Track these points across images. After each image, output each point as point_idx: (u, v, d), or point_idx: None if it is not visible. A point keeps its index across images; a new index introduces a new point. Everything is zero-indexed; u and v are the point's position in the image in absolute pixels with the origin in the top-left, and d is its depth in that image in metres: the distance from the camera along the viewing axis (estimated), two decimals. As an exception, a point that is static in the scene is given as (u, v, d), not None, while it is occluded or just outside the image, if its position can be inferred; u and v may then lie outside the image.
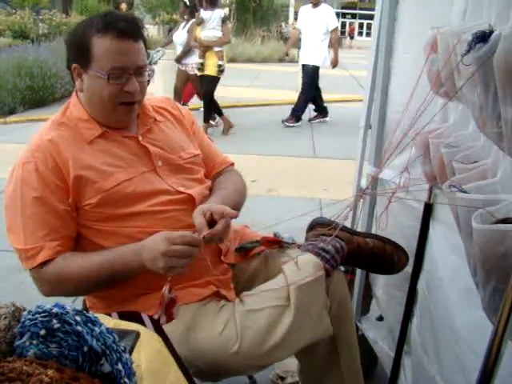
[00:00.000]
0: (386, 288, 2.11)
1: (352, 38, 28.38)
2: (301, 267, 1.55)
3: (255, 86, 12.88)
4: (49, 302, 0.91)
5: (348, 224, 2.05)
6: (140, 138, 1.62)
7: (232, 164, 1.89)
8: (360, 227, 2.27)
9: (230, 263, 1.73)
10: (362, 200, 2.22)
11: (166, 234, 1.39)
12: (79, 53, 1.51)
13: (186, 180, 1.67)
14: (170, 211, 1.57)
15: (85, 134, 1.56)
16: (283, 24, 28.07)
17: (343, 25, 43.50)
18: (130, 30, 1.50)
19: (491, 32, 0.84)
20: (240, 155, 5.91)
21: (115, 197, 1.51)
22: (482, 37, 0.85)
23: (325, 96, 8.76)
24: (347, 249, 1.75)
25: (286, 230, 1.93)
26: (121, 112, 1.57)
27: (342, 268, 1.81)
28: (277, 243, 1.78)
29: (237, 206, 1.69)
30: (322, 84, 8.33)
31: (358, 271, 2.34)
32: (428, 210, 1.72)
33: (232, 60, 18.78)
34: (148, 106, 1.70)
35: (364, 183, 2.28)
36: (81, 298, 1.74)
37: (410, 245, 1.83)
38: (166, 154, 1.65)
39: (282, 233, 1.83)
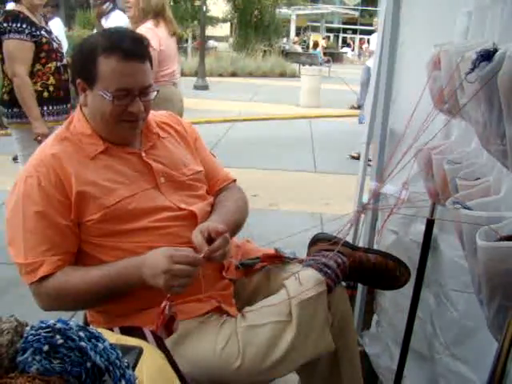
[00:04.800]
0: (395, 298, 2.10)
1: (360, 55, 28.60)
2: (303, 282, 1.55)
3: (256, 101, 12.95)
4: (51, 317, 0.90)
5: (349, 239, 2.06)
6: (143, 155, 1.62)
7: (234, 180, 1.89)
8: (362, 242, 2.27)
9: (232, 278, 1.72)
10: (363, 215, 2.22)
11: (169, 252, 1.38)
12: (84, 70, 1.51)
13: (188, 197, 1.66)
14: (170, 227, 1.56)
15: (88, 149, 1.56)
16: (285, 39, 28.30)
17: (344, 40, 43.84)
18: (136, 50, 1.50)
19: (495, 50, 0.85)
20: (241, 169, 5.92)
21: (117, 213, 1.51)
22: (487, 55, 0.85)
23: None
24: (349, 264, 1.75)
25: (287, 245, 1.93)
26: (124, 128, 1.57)
27: (344, 283, 1.80)
28: (278, 259, 1.77)
29: (238, 224, 1.70)
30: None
31: (360, 286, 2.33)
32: (430, 225, 1.72)
33: (233, 74, 18.93)
34: (152, 122, 1.70)
35: (366, 198, 2.29)
36: (81, 312, 1.74)
37: (409, 259, 1.83)
38: (168, 171, 1.65)
39: (284, 248, 1.83)
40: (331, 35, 41.75)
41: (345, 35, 44.69)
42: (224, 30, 27.41)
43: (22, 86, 3.15)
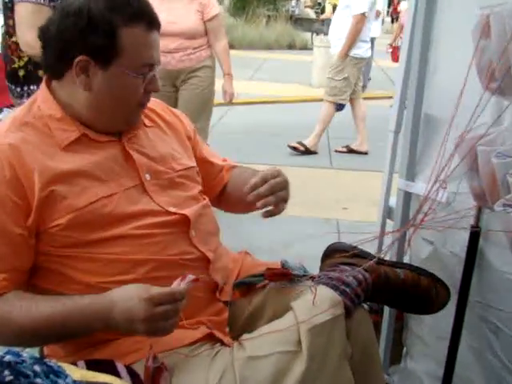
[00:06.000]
0: (434, 323, 2.10)
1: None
2: (315, 303, 1.54)
3: (258, 79, 12.95)
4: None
5: (372, 250, 2.05)
6: (125, 144, 1.64)
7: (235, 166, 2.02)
8: (388, 255, 2.26)
9: (227, 301, 1.72)
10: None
11: (146, 293, 1.38)
12: (96, 44, 1.51)
13: (179, 198, 1.68)
14: (156, 235, 1.57)
15: (58, 137, 1.55)
16: (293, 2, 28.28)
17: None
18: (157, 19, 1.58)
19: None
20: (239, 164, 5.91)
21: (89, 217, 1.50)
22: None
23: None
24: (372, 281, 1.74)
25: (295, 259, 1.93)
26: (138, 114, 1.65)
27: (366, 306, 1.80)
28: (285, 276, 1.77)
29: None
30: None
31: (386, 310, 2.33)
32: (475, 235, 1.72)
33: (229, 46, 18.88)
34: None
35: (394, 201, 2.29)
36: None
37: (449, 276, 1.83)
38: (154, 165, 1.66)
39: (291, 262, 1.83)
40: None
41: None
42: (217, -10, 27.42)
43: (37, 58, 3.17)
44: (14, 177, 1.46)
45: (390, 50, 11.97)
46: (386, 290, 1.79)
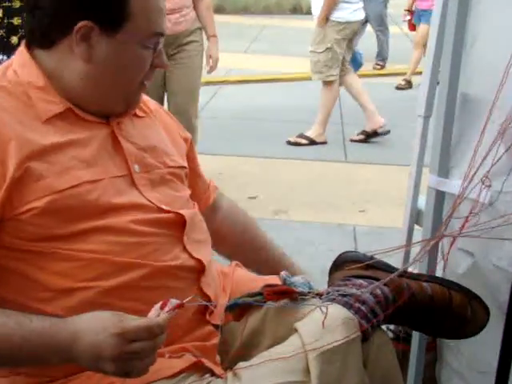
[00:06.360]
0: (474, 352, 2.11)
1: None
2: (324, 325, 1.56)
3: (253, 52, 12.93)
4: None
5: (392, 261, 2.04)
6: (114, 128, 1.68)
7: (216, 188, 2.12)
8: (416, 268, 2.26)
9: (218, 324, 1.74)
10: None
11: (117, 328, 1.38)
12: (103, 6, 1.57)
13: (170, 197, 1.71)
14: (146, 234, 1.60)
15: (39, 108, 1.58)
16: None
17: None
18: None
19: None
20: (231, 158, 5.91)
21: (70, 203, 1.51)
22: None
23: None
24: (393, 297, 1.75)
25: (299, 272, 1.94)
26: (140, 92, 1.73)
27: (390, 333, 1.80)
28: (287, 294, 1.78)
29: None
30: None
31: (415, 337, 2.32)
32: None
33: (218, 10, 18.79)
34: None
35: (423, 201, 2.28)
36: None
37: (493, 296, 1.83)
38: (144, 157, 1.71)
39: (293, 276, 1.84)
40: None
41: None
42: None
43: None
44: None
45: (408, 18, 11.39)
46: (412, 309, 1.78)
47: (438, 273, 2.21)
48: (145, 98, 1.86)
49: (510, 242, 1.84)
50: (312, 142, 6.99)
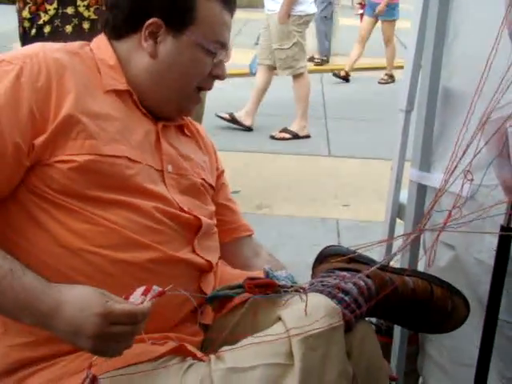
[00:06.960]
0: (456, 345, 2.12)
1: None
2: (308, 313, 1.54)
3: (237, 45, 12.87)
4: None
5: (375, 255, 2.04)
6: (160, 127, 1.79)
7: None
8: (399, 263, 2.26)
9: (205, 324, 1.76)
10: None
11: (103, 307, 1.39)
12: (173, 5, 1.72)
13: (194, 205, 1.79)
14: (164, 224, 1.67)
15: (104, 79, 1.71)
16: None
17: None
18: (234, 2, 1.82)
19: None
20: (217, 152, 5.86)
21: (107, 169, 1.60)
22: None
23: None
24: (377, 288, 1.76)
25: (282, 266, 1.94)
26: (194, 99, 1.85)
27: (373, 325, 1.80)
28: (268, 287, 1.77)
29: None
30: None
31: (397, 330, 2.33)
32: (506, 239, 1.70)
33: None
34: None
35: (405, 195, 2.28)
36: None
37: (474, 289, 1.83)
38: (180, 162, 1.81)
39: (277, 270, 1.84)
40: None
41: None
42: None
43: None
44: (47, 87, 1.58)
45: (361, 12, 11.46)
46: (393, 302, 1.78)
47: (421, 267, 2.21)
48: (198, 125, 2.01)
49: (490, 235, 1.85)
50: (295, 136, 7.03)
